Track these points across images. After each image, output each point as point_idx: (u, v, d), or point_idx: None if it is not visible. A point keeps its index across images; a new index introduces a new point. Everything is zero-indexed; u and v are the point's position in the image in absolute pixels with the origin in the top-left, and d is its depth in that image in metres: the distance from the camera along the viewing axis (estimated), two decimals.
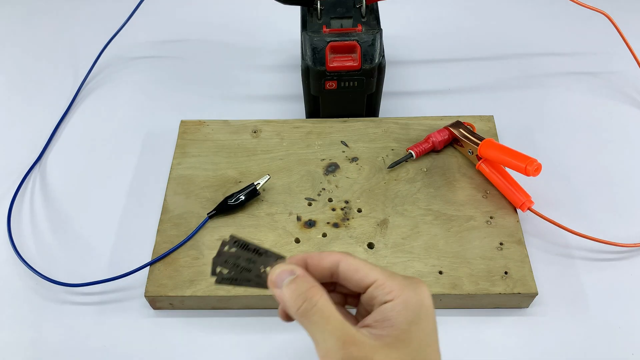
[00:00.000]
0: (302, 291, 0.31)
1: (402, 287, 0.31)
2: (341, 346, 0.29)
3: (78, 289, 0.47)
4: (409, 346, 0.30)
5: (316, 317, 0.30)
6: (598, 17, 0.57)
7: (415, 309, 0.31)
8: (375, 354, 0.29)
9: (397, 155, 0.52)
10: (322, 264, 0.33)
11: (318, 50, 0.49)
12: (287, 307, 0.31)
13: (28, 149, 0.58)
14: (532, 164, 0.44)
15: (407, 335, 0.30)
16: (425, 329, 0.31)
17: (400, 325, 0.30)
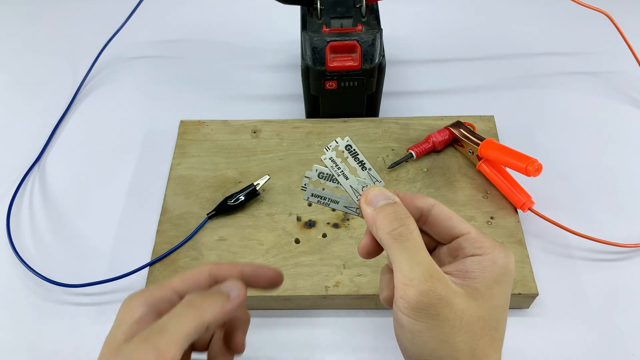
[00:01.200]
0: (400, 216, 0.30)
1: (493, 245, 0.31)
2: (428, 278, 0.29)
3: (77, 290, 0.47)
4: (487, 302, 0.30)
5: (409, 243, 0.30)
6: (599, 17, 0.56)
7: (501, 270, 0.30)
8: (455, 297, 0.29)
9: (398, 156, 0.52)
10: (415, 203, 0.32)
11: (318, 50, 0.48)
12: (378, 227, 0.31)
13: (27, 149, 0.58)
14: (532, 164, 0.44)
15: (489, 291, 0.30)
16: (504, 293, 0.31)
17: (484, 281, 0.30)
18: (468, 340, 0.29)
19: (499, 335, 0.31)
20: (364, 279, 0.43)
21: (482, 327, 0.30)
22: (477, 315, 0.29)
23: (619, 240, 0.47)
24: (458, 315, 0.29)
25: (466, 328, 0.29)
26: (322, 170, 0.33)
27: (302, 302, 0.44)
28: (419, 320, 0.29)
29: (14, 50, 0.71)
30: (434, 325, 0.29)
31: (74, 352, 0.44)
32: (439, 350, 0.29)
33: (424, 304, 0.28)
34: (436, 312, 0.28)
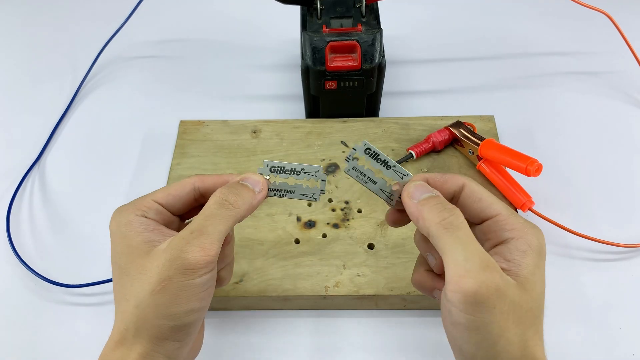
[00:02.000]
0: (447, 207, 0.30)
1: (524, 226, 0.30)
2: (485, 268, 0.27)
3: (77, 290, 0.47)
4: (534, 291, 0.29)
5: (461, 232, 0.29)
6: (599, 17, 0.56)
7: (538, 252, 0.29)
8: (509, 289, 0.28)
9: (398, 156, 0.52)
10: (446, 186, 0.32)
11: (318, 50, 0.48)
12: (425, 218, 0.30)
13: (27, 149, 0.58)
14: (532, 164, 0.44)
15: (533, 278, 0.29)
16: (543, 277, 0.30)
17: (528, 267, 0.29)
18: (520, 334, 0.28)
19: (541, 323, 0.30)
20: (364, 279, 0.43)
21: (530, 318, 0.29)
22: (527, 306, 0.28)
23: (619, 240, 0.47)
24: (513, 307, 0.28)
25: (519, 321, 0.28)
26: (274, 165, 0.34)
27: (302, 302, 0.44)
28: (476, 316, 0.27)
29: (14, 50, 0.71)
30: (492, 320, 0.27)
31: (74, 352, 0.44)
32: (496, 345, 0.28)
33: (481, 296, 0.27)
34: (493, 305, 0.27)
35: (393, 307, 0.45)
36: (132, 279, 0.31)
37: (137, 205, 0.33)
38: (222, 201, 0.31)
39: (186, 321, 0.30)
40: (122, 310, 0.31)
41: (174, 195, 0.34)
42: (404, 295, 0.43)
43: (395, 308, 0.45)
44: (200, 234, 0.30)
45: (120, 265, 0.32)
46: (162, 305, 0.30)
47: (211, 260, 0.30)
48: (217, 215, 0.31)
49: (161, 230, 0.32)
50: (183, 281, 0.29)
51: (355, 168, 0.33)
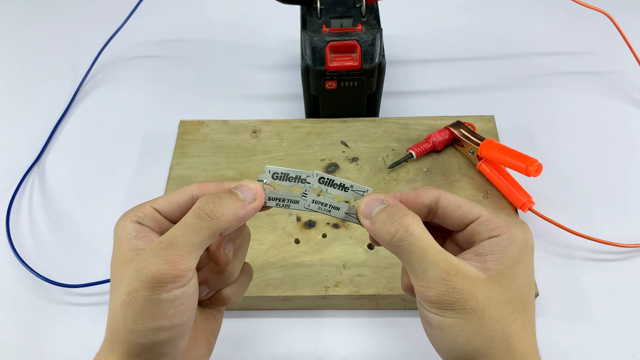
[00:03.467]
0: (395, 219, 0.28)
1: (508, 224, 0.30)
2: (444, 277, 0.27)
3: (77, 290, 0.47)
4: (512, 284, 0.29)
5: (413, 246, 0.28)
6: (599, 17, 0.56)
7: (521, 247, 0.29)
8: (477, 287, 0.28)
9: (398, 156, 0.52)
10: (420, 200, 0.31)
11: (318, 50, 0.48)
12: (378, 238, 0.29)
13: (27, 149, 0.58)
14: (532, 164, 0.44)
15: (512, 272, 0.29)
16: (528, 270, 0.30)
17: (505, 261, 0.29)
18: (500, 328, 0.28)
19: (529, 317, 0.29)
20: (364, 279, 0.43)
21: (512, 312, 0.28)
22: (503, 299, 0.28)
23: (619, 240, 0.47)
24: (485, 304, 0.28)
25: (496, 316, 0.28)
26: (277, 171, 0.31)
27: (302, 302, 0.44)
28: (446, 317, 0.28)
29: (14, 50, 0.71)
30: (462, 319, 0.27)
31: (74, 352, 0.44)
32: (472, 342, 0.28)
33: (446, 302, 0.27)
34: (461, 307, 0.27)
35: (393, 307, 0.45)
36: (114, 287, 0.30)
37: (135, 211, 0.31)
38: (198, 211, 0.28)
39: (155, 339, 0.28)
40: (108, 318, 0.30)
41: (172, 203, 0.32)
42: (404, 295, 0.43)
43: (395, 308, 0.45)
44: (168, 245, 0.27)
45: (111, 272, 0.30)
46: (129, 319, 0.28)
47: (180, 275, 0.27)
48: (192, 225, 0.28)
49: (151, 238, 0.30)
50: (148, 296, 0.27)
51: (315, 201, 0.31)
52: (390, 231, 0.28)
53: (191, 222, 0.28)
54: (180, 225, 0.28)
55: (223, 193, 0.29)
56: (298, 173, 0.31)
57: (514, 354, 0.28)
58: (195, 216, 0.28)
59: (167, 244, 0.27)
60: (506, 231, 0.29)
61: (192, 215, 0.28)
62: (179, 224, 0.28)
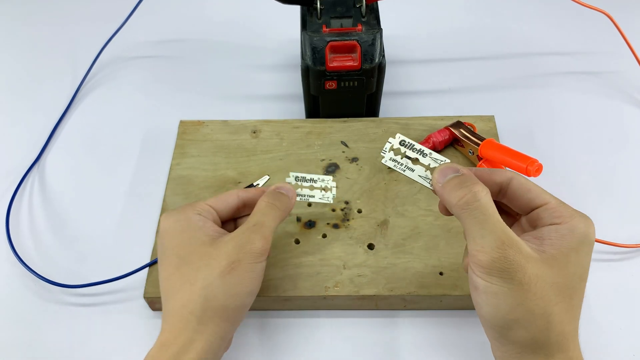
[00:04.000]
0: (466, 184, 0.31)
1: (572, 215, 0.32)
2: (499, 245, 0.29)
3: (77, 290, 0.47)
4: (563, 270, 0.30)
5: (478, 211, 0.30)
6: (599, 17, 0.56)
7: (579, 238, 0.31)
8: (529, 263, 0.30)
9: None
10: (494, 178, 0.33)
11: (318, 50, 0.48)
12: (447, 201, 0.32)
13: (27, 149, 0.58)
14: (532, 164, 0.44)
15: (565, 258, 0.30)
16: (582, 261, 0.31)
17: (560, 247, 0.31)
18: (543, 305, 0.30)
19: (575, 303, 0.31)
20: (364, 279, 0.43)
21: (557, 294, 0.30)
22: (551, 281, 0.30)
23: (619, 241, 0.47)
24: (532, 280, 0.29)
25: (540, 293, 0.29)
26: (298, 175, 0.42)
27: (302, 302, 0.44)
28: (493, 283, 0.30)
29: (14, 50, 0.71)
30: (508, 288, 0.29)
31: (74, 352, 0.44)
32: (514, 312, 0.30)
33: (496, 268, 0.29)
34: (509, 277, 0.29)
35: (393, 307, 0.45)
36: (197, 266, 0.35)
37: (193, 206, 0.38)
38: (270, 204, 0.38)
39: (246, 302, 0.36)
40: (184, 297, 0.34)
41: (223, 201, 0.39)
42: (404, 296, 0.43)
43: (395, 308, 0.45)
44: (261, 227, 0.36)
45: (181, 256, 0.35)
46: (230, 284, 0.34)
47: (268, 249, 0.36)
48: (269, 214, 0.37)
49: (216, 227, 0.37)
50: (250, 263, 0.35)
51: (392, 159, 0.36)
52: (459, 194, 0.31)
53: (269, 211, 0.38)
54: (262, 214, 0.37)
55: (277, 192, 0.39)
56: (311, 176, 0.43)
57: (552, 332, 0.30)
58: (270, 208, 0.38)
59: (260, 225, 0.36)
60: (568, 221, 0.31)
61: (267, 206, 0.38)
62: (258, 213, 0.37)
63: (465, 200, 0.31)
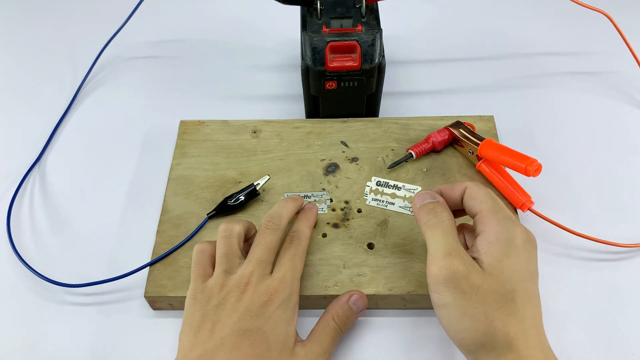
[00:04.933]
0: (435, 211, 0.37)
1: (498, 222, 0.35)
2: (446, 255, 0.34)
3: (77, 290, 0.47)
4: (499, 276, 0.34)
5: (437, 230, 0.36)
6: (598, 17, 0.57)
7: (505, 243, 0.34)
8: (471, 273, 0.33)
9: (397, 156, 0.52)
10: (454, 192, 0.38)
11: (318, 50, 0.48)
12: (419, 220, 0.38)
13: (27, 149, 0.58)
14: (532, 164, 0.44)
15: (499, 264, 0.34)
16: (514, 265, 0.34)
17: (494, 256, 0.34)
18: (485, 312, 0.33)
19: (518, 306, 0.33)
20: (364, 279, 0.44)
21: (497, 300, 0.33)
22: (490, 289, 0.33)
23: (619, 240, 0.47)
24: (474, 289, 0.33)
25: (482, 301, 0.33)
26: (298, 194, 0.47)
27: (302, 302, 0.44)
28: (442, 295, 0.34)
29: (14, 51, 0.71)
30: (453, 298, 0.33)
31: (74, 352, 0.44)
32: (462, 322, 0.33)
33: (442, 277, 0.34)
34: (454, 286, 0.33)
35: (393, 306, 0.45)
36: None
37: (299, 277, 0.40)
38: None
39: None
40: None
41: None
42: (404, 295, 0.43)
43: (395, 308, 0.45)
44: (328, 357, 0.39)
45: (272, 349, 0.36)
46: None
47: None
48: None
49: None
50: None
51: (374, 199, 0.45)
52: (428, 217, 0.37)
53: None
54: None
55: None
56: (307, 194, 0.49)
57: (497, 335, 0.33)
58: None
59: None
60: (492, 228, 0.35)
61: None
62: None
63: (431, 222, 0.36)
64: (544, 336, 0.34)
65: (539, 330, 0.34)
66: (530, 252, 0.35)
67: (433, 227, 0.36)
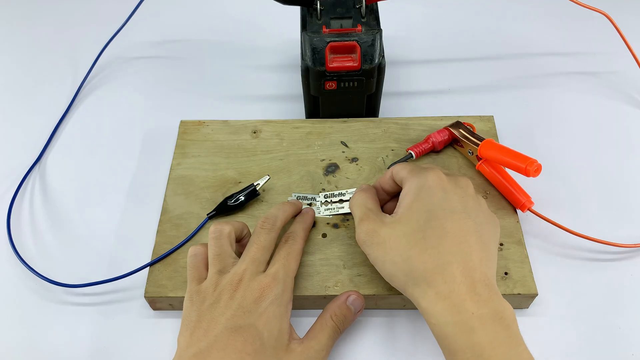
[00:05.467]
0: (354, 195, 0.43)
1: (411, 177, 0.40)
2: (359, 222, 0.40)
3: (77, 290, 0.47)
4: (409, 219, 0.38)
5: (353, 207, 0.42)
6: (598, 17, 0.57)
7: (417, 189, 0.39)
8: (381, 227, 0.38)
9: (397, 156, 0.52)
10: (385, 178, 0.44)
11: (318, 51, 0.48)
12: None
13: (28, 149, 0.58)
14: (532, 164, 0.44)
15: (409, 211, 0.38)
16: (424, 204, 0.38)
17: (404, 204, 0.39)
18: (400, 254, 0.37)
19: (431, 243, 0.36)
20: (364, 279, 0.44)
21: (409, 241, 0.37)
22: (401, 233, 0.37)
23: (618, 240, 0.47)
24: (386, 238, 0.38)
25: (395, 246, 0.37)
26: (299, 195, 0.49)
27: (302, 302, 0.44)
28: (368, 251, 0.39)
29: (14, 50, 0.71)
30: (373, 251, 0.38)
31: (74, 352, 0.44)
32: (386, 268, 0.38)
33: (361, 240, 0.39)
34: (370, 242, 0.38)
35: (393, 306, 0.45)
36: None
37: (293, 276, 0.40)
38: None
39: None
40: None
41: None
42: (404, 295, 0.43)
43: (395, 308, 0.45)
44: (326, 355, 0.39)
45: (266, 345, 0.36)
46: None
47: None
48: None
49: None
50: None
51: (326, 209, 0.48)
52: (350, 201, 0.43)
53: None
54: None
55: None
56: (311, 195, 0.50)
57: (416, 271, 0.36)
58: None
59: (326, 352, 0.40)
60: (407, 182, 0.40)
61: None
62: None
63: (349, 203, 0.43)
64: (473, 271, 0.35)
65: (466, 265, 0.35)
66: (449, 192, 0.38)
67: (350, 207, 0.43)
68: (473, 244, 0.36)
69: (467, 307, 0.33)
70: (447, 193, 0.38)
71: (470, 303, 0.33)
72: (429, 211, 0.37)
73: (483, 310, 0.33)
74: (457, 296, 0.34)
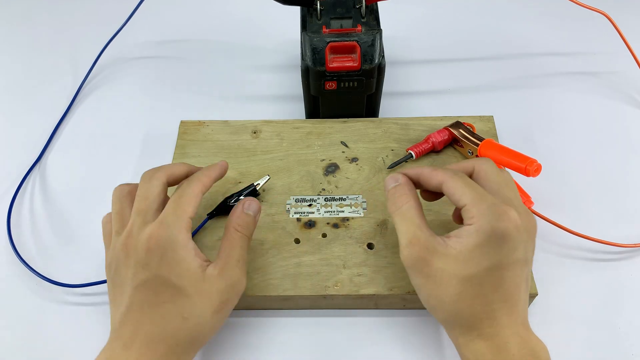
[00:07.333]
0: (395, 197, 0.38)
1: (483, 214, 0.35)
2: (407, 245, 0.36)
3: (78, 290, 0.47)
4: (470, 263, 0.34)
5: (398, 218, 0.37)
6: (598, 17, 0.57)
7: (485, 236, 0.34)
8: (434, 257, 0.35)
9: (397, 156, 0.52)
10: (431, 182, 0.38)
11: (318, 51, 0.48)
12: (388, 207, 0.39)
13: (28, 149, 0.58)
14: (532, 164, 0.44)
15: (470, 254, 0.34)
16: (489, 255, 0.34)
17: (467, 245, 0.34)
18: (449, 294, 0.34)
19: (485, 290, 0.34)
20: (364, 279, 0.44)
21: (463, 284, 0.34)
22: (456, 274, 0.34)
23: (618, 240, 0.47)
24: (438, 273, 0.34)
25: (446, 284, 0.34)
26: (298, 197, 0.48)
27: (302, 302, 0.44)
28: (412, 276, 0.36)
29: (14, 50, 0.71)
30: (420, 280, 0.36)
31: (74, 352, 0.44)
32: (430, 301, 0.36)
33: (407, 264, 0.36)
34: (418, 271, 0.35)
35: (393, 306, 0.45)
36: (193, 300, 0.35)
37: (186, 218, 0.37)
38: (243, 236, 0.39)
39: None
40: (174, 327, 0.35)
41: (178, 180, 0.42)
42: (404, 295, 0.43)
43: (395, 308, 0.45)
44: (244, 263, 0.38)
45: (180, 287, 0.35)
46: (218, 322, 0.37)
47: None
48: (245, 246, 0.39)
49: (199, 252, 0.37)
50: (234, 302, 0.37)
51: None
52: (389, 204, 0.39)
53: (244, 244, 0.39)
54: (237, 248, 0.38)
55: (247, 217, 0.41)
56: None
57: (461, 314, 0.34)
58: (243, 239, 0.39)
59: (243, 262, 0.38)
60: (477, 221, 0.35)
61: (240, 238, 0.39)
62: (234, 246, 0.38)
63: (392, 209, 0.38)
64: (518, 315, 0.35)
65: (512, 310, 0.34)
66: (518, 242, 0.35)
67: (394, 213, 0.38)
68: (522, 292, 0.35)
69: (509, 348, 0.33)
70: (517, 243, 0.34)
71: (512, 345, 0.33)
72: (493, 261, 0.34)
73: (523, 351, 0.33)
74: (501, 339, 0.34)
